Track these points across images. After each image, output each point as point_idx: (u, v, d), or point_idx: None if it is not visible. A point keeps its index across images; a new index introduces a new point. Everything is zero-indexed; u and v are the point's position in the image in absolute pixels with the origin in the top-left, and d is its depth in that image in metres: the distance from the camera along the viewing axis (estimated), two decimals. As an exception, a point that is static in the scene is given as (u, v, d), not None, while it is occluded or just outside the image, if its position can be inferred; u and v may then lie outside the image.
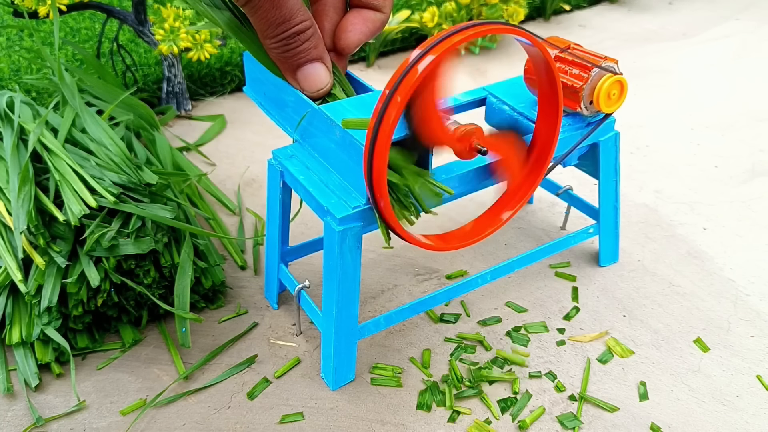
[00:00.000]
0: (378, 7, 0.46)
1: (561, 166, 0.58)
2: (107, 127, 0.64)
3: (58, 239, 0.53)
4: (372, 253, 0.67)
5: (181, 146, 0.84)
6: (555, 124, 0.48)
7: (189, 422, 0.50)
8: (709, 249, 0.68)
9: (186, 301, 0.55)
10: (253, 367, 0.55)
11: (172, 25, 0.78)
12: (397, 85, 0.39)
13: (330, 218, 0.46)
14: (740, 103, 0.98)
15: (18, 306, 0.54)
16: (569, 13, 1.34)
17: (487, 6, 1.07)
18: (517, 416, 0.51)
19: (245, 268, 0.65)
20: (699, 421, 0.51)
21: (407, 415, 0.51)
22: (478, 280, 0.57)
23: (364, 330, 0.52)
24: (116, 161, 0.59)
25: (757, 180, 0.80)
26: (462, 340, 0.57)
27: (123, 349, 0.56)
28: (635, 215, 0.73)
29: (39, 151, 0.58)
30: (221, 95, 0.99)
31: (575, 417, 0.50)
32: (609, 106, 0.53)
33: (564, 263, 0.66)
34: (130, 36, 1.06)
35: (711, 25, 1.28)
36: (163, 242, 0.55)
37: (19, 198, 0.53)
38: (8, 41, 1.05)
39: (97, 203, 0.53)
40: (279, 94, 0.50)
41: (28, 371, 0.52)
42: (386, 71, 1.08)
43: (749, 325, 0.59)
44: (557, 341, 0.57)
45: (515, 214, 0.51)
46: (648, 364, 0.55)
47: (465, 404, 0.52)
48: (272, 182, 0.54)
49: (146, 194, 0.57)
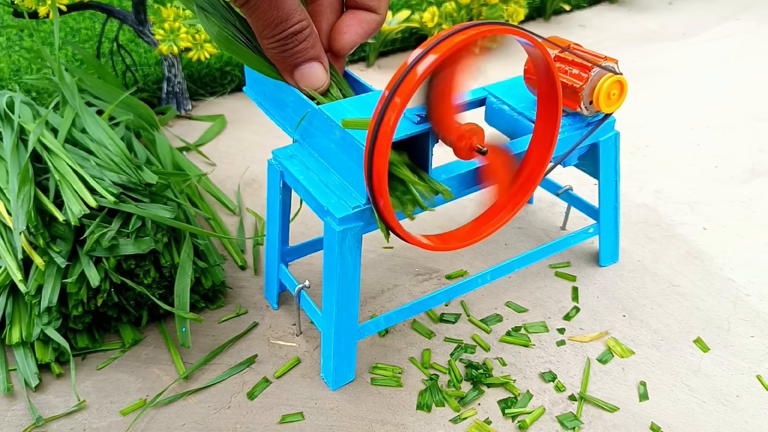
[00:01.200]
0: (373, 8, 0.46)
1: (561, 166, 0.58)
2: (107, 127, 0.64)
3: (58, 239, 0.53)
4: (372, 253, 0.67)
5: (181, 146, 0.84)
6: (554, 124, 0.48)
7: (189, 422, 0.50)
8: (709, 249, 0.68)
9: (186, 301, 0.55)
10: (253, 367, 0.55)
11: (172, 25, 0.78)
12: (397, 85, 0.39)
13: (330, 218, 0.46)
14: (740, 103, 0.98)
15: (18, 306, 0.54)
16: (569, 13, 1.34)
17: (487, 6, 1.07)
18: (517, 416, 0.51)
19: (245, 268, 0.65)
20: (699, 421, 0.51)
21: (407, 415, 0.51)
22: (478, 280, 0.57)
23: (364, 330, 0.52)
24: (116, 161, 0.59)
25: (757, 180, 0.80)
26: (462, 340, 0.57)
27: (123, 349, 0.56)
28: (635, 215, 0.73)
29: (39, 151, 0.58)
30: (221, 95, 0.99)
31: (575, 417, 0.50)
32: (609, 106, 0.53)
33: (564, 263, 0.66)
34: (130, 36, 1.06)
35: (711, 25, 1.28)
36: (163, 242, 0.55)
37: (19, 198, 0.53)
38: (8, 41, 1.05)
39: (97, 203, 0.53)
40: (279, 94, 0.50)
41: (28, 371, 0.52)
42: (386, 71, 1.08)
43: (749, 325, 0.59)
44: (557, 341, 0.57)
45: (515, 215, 0.51)
46: (648, 364, 0.55)
47: (465, 404, 0.52)
48: (272, 182, 0.54)
49: (146, 194, 0.57)
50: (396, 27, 1.07)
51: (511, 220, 0.72)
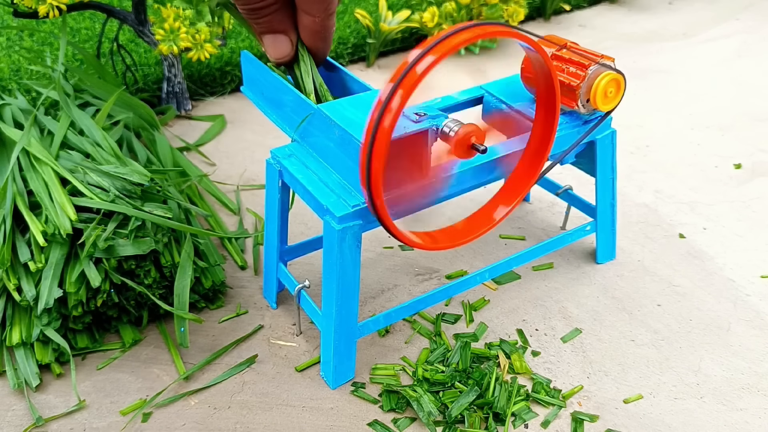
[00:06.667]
0: (306, 10, 0.47)
1: (559, 165, 0.58)
2: (99, 129, 0.64)
3: (52, 244, 0.53)
4: (372, 253, 0.67)
5: (181, 146, 0.84)
6: (552, 122, 0.48)
7: (189, 422, 0.50)
8: (709, 249, 0.68)
9: (186, 301, 0.55)
10: (253, 367, 0.55)
11: (172, 25, 0.78)
12: (396, 85, 0.39)
13: (329, 217, 0.46)
14: (740, 103, 0.98)
15: (18, 307, 0.54)
16: (569, 13, 1.34)
17: (487, 6, 1.07)
18: (518, 417, 0.51)
19: (245, 268, 0.65)
20: (699, 421, 0.50)
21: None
22: (477, 279, 0.57)
23: (363, 329, 0.52)
24: (111, 162, 0.59)
25: (757, 180, 0.80)
26: (462, 340, 0.57)
27: (123, 349, 0.56)
28: (635, 215, 0.73)
29: (24, 165, 0.58)
30: (221, 95, 0.99)
31: (576, 417, 0.50)
32: (606, 104, 0.53)
33: (564, 263, 0.66)
34: (130, 36, 1.06)
35: (711, 25, 1.28)
36: (163, 242, 0.55)
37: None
38: (8, 41, 1.05)
39: (94, 207, 0.53)
40: (276, 93, 0.50)
41: (28, 371, 0.52)
42: (386, 71, 1.08)
43: (749, 325, 0.59)
44: (557, 341, 0.57)
45: (510, 214, 0.51)
46: (648, 364, 0.55)
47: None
48: (271, 182, 0.54)
49: (140, 195, 0.57)
50: (396, 27, 1.07)
51: (511, 220, 0.72)
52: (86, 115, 0.66)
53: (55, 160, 0.58)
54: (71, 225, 0.52)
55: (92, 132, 0.64)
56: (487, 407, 0.51)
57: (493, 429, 0.49)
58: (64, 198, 0.53)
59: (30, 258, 0.52)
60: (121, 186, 0.56)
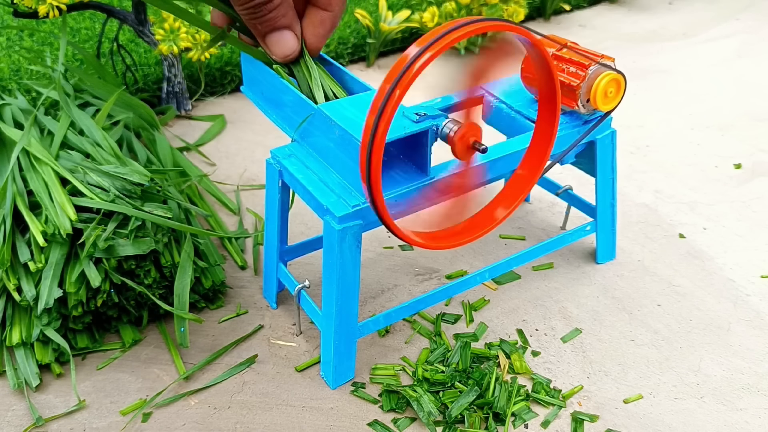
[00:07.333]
0: (323, 5, 0.47)
1: (558, 164, 0.58)
2: (99, 129, 0.64)
3: (54, 243, 0.53)
4: (372, 253, 0.67)
5: (181, 146, 0.84)
6: (553, 122, 0.48)
7: (189, 422, 0.50)
8: (709, 249, 0.68)
9: (185, 301, 0.55)
10: (253, 367, 0.55)
11: (172, 25, 0.78)
12: (396, 83, 0.39)
13: (329, 217, 0.46)
14: (740, 103, 0.98)
15: (18, 307, 0.53)
16: (569, 13, 1.34)
17: (488, 6, 1.07)
18: (518, 417, 0.51)
19: (245, 268, 0.65)
20: (699, 421, 0.50)
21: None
22: (477, 279, 0.57)
23: (363, 328, 0.52)
24: (111, 162, 0.59)
25: (757, 180, 0.80)
26: (462, 340, 0.57)
27: (123, 349, 0.56)
28: (635, 215, 0.73)
29: (24, 165, 0.58)
30: (221, 95, 0.99)
31: (576, 417, 0.50)
32: (606, 104, 0.53)
33: (564, 263, 0.66)
34: (130, 36, 1.06)
35: (711, 25, 1.28)
36: (163, 242, 0.55)
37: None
38: (8, 41, 1.05)
39: (94, 207, 0.53)
40: (276, 93, 0.50)
41: (28, 371, 0.52)
42: (386, 71, 1.08)
43: (749, 325, 0.59)
44: (557, 341, 0.57)
45: (510, 214, 0.51)
46: (648, 364, 0.55)
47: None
48: (271, 181, 0.54)
49: (139, 195, 0.57)
50: (396, 27, 1.07)
51: (511, 220, 0.72)
52: (86, 115, 0.66)
53: (55, 160, 0.58)
54: (71, 225, 0.52)
55: (92, 132, 0.65)
56: (487, 407, 0.51)
57: (493, 429, 0.49)
58: (64, 198, 0.53)
59: (30, 258, 0.52)
60: (121, 186, 0.56)
